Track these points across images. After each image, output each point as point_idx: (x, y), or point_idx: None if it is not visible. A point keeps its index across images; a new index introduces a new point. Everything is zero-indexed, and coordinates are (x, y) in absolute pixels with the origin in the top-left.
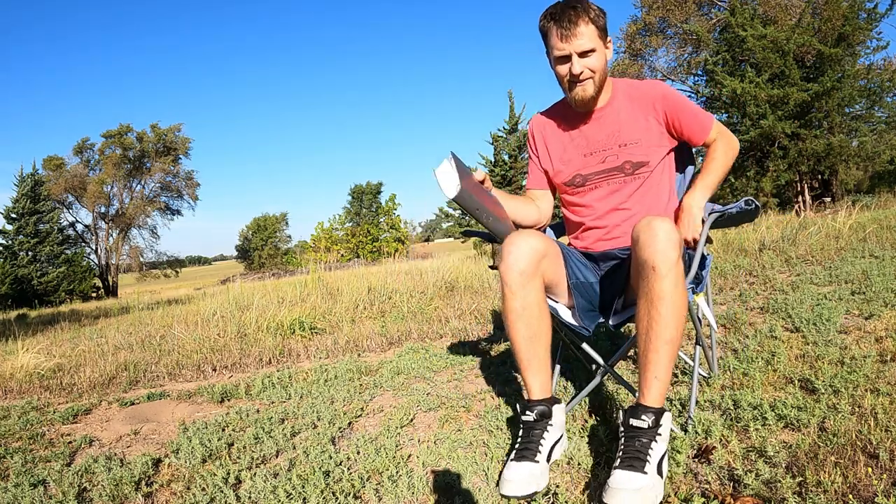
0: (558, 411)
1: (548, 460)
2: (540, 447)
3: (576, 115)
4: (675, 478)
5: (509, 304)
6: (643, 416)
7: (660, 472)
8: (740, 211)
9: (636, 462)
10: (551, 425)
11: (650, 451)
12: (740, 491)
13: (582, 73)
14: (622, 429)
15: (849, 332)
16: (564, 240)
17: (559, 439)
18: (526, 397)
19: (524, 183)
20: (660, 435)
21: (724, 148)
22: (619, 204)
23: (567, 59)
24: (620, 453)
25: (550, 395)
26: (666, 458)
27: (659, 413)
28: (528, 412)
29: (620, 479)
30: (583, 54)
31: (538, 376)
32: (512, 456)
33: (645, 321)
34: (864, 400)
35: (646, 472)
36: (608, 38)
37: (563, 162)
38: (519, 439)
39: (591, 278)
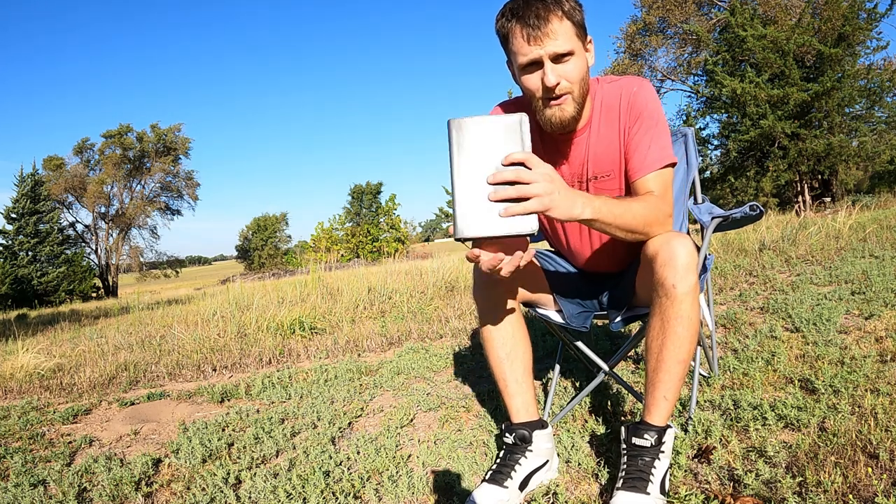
0: (541, 437)
1: (522, 488)
2: (513, 473)
3: (544, 131)
4: (676, 478)
5: (482, 322)
6: (646, 435)
7: (662, 490)
8: (744, 216)
9: (639, 483)
10: (530, 451)
11: (653, 469)
12: (740, 491)
13: (558, 85)
14: (624, 446)
15: (849, 332)
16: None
17: (541, 466)
18: (509, 419)
19: None
20: (663, 452)
21: (653, 207)
22: (602, 239)
23: (537, 64)
24: (623, 473)
25: (535, 417)
26: (668, 472)
27: (662, 431)
28: (507, 434)
29: (623, 502)
30: (558, 58)
31: (517, 397)
32: (486, 476)
33: (658, 340)
34: (864, 400)
35: (648, 493)
36: (588, 39)
37: None
38: (497, 459)
39: (568, 268)
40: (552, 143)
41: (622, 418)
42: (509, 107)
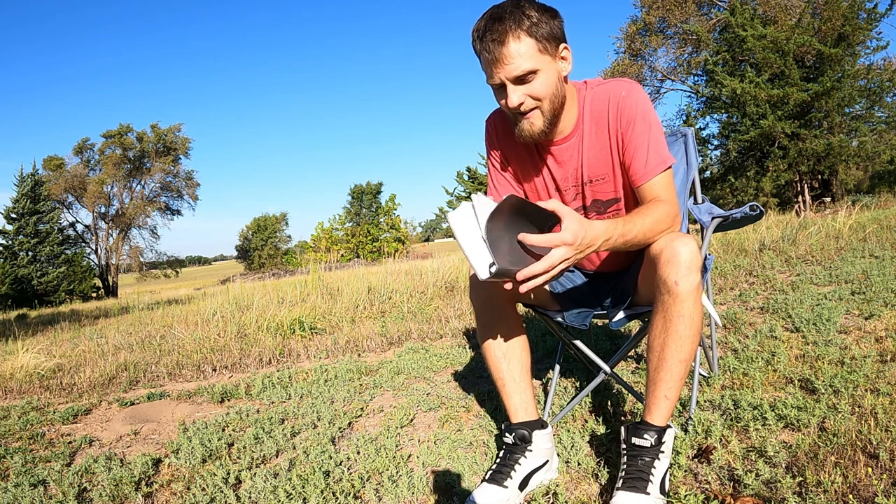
0: (540, 437)
1: (522, 488)
2: (513, 473)
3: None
4: (676, 478)
5: (479, 323)
6: (646, 435)
7: (662, 490)
8: (744, 216)
9: (639, 483)
10: (530, 451)
11: (653, 469)
12: (740, 491)
13: (522, 104)
14: (624, 446)
15: (849, 332)
16: None
17: (541, 466)
18: (508, 419)
19: None
20: (662, 452)
21: (662, 214)
22: None
23: (502, 87)
24: (623, 473)
25: (535, 417)
26: (668, 472)
27: (662, 431)
28: (506, 434)
29: (623, 502)
30: (519, 80)
31: (515, 396)
32: (486, 476)
33: (661, 338)
34: (864, 400)
35: (648, 493)
36: (561, 47)
37: (531, 191)
38: (497, 459)
39: (576, 280)
40: (545, 150)
41: (622, 418)
42: (503, 114)
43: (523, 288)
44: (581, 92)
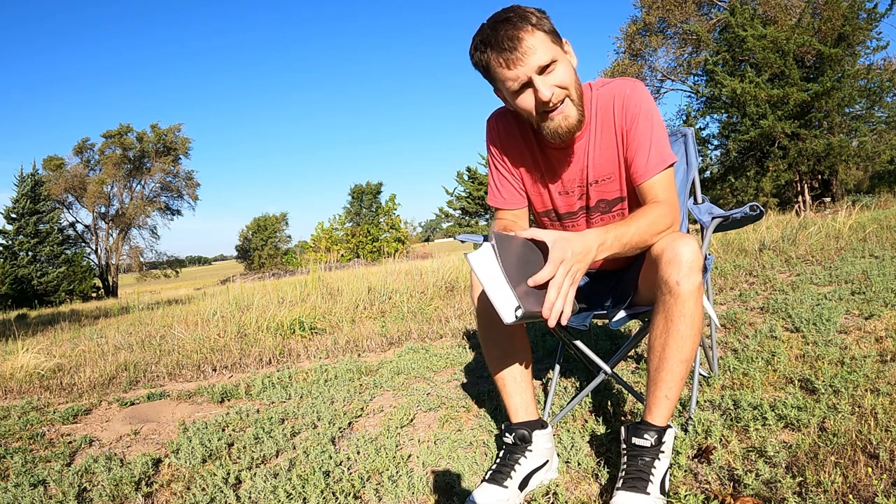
0: (540, 437)
1: (521, 488)
2: (513, 473)
3: (542, 139)
4: (676, 478)
5: (480, 323)
6: (646, 435)
7: (662, 490)
8: (744, 216)
9: (639, 483)
10: (530, 451)
11: (653, 469)
12: (740, 491)
13: (553, 94)
14: (624, 446)
15: (849, 332)
16: None
17: (541, 466)
18: (508, 418)
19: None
20: (663, 452)
21: (659, 215)
22: None
23: (527, 85)
24: (623, 473)
25: (535, 417)
26: (668, 472)
27: (662, 431)
28: (507, 434)
29: (623, 502)
30: (543, 70)
31: (515, 396)
32: (486, 476)
33: (661, 338)
34: (864, 400)
35: (648, 493)
36: (564, 41)
37: (534, 193)
38: (497, 459)
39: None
40: (552, 153)
41: (622, 418)
42: (505, 115)
43: (552, 322)
44: (587, 94)
